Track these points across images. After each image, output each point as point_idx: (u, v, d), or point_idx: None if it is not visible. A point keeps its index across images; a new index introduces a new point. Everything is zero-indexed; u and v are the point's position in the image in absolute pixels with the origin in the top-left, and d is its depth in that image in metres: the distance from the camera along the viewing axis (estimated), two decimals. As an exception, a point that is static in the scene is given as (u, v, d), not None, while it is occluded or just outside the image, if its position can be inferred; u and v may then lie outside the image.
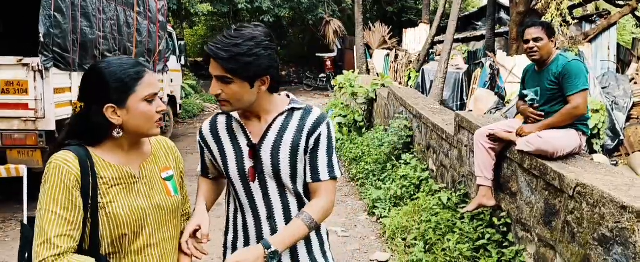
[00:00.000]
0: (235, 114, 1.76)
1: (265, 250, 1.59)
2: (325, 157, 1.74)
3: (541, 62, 3.51)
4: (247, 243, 1.80)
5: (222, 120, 1.81)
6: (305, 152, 1.74)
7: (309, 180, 1.75)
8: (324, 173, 1.74)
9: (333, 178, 1.75)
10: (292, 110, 1.75)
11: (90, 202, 1.48)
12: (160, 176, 1.65)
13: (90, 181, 1.49)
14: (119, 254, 1.54)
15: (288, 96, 1.82)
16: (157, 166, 1.66)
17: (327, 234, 1.91)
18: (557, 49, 3.60)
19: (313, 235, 1.81)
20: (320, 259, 1.83)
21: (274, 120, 1.73)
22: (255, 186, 1.74)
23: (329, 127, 1.75)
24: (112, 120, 1.50)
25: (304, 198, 1.77)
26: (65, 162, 1.46)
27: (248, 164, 1.73)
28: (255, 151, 1.72)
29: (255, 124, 1.75)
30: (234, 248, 1.84)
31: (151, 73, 1.54)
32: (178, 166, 1.75)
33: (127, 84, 1.49)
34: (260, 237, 1.76)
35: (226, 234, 1.90)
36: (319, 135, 1.73)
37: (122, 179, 1.55)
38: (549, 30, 3.47)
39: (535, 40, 3.44)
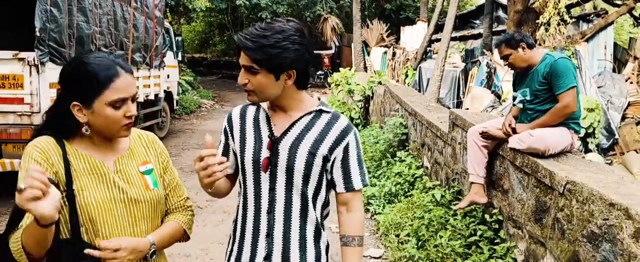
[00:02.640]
0: (264, 105, 1.78)
1: None
2: (357, 166, 1.78)
3: (526, 68, 3.59)
4: (242, 238, 1.77)
5: (251, 110, 1.83)
6: (325, 160, 1.74)
7: (341, 190, 1.78)
8: (357, 182, 1.78)
9: (365, 185, 1.80)
10: (320, 111, 1.77)
11: (65, 187, 1.50)
12: (138, 169, 1.65)
13: (64, 166, 1.52)
14: (93, 243, 1.54)
15: (319, 99, 1.84)
16: (134, 161, 1.66)
17: (327, 247, 1.86)
18: (553, 48, 3.65)
19: (310, 247, 1.77)
20: (311, 251, 1.78)
21: (301, 118, 1.75)
22: (264, 178, 1.74)
23: (356, 136, 1.78)
24: (78, 118, 1.53)
25: (310, 203, 1.75)
26: (39, 142, 1.52)
27: (264, 154, 1.73)
28: (274, 143, 1.73)
29: (281, 118, 1.76)
30: (234, 242, 1.82)
31: (125, 76, 1.53)
32: (160, 158, 1.74)
33: (95, 87, 1.49)
34: (256, 231, 1.75)
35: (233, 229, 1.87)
36: (347, 144, 1.76)
37: (95, 169, 1.57)
38: (510, 43, 3.57)
39: (505, 57, 3.60)
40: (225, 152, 1.86)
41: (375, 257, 4.44)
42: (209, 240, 4.70)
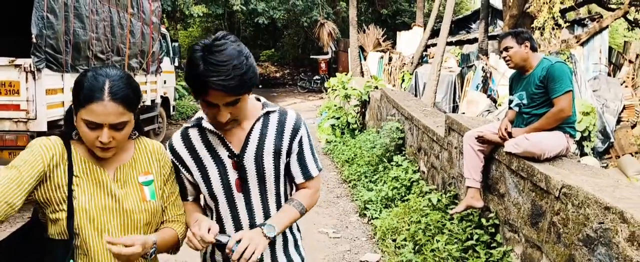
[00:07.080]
0: (208, 126, 1.69)
1: (262, 228, 1.63)
2: (310, 156, 1.82)
3: (521, 68, 3.60)
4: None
5: (195, 134, 1.74)
6: (288, 155, 1.77)
7: (300, 180, 1.80)
8: (313, 169, 1.82)
9: (320, 170, 1.85)
10: (268, 114, 1.75)
11: (66, 187, 1.52)
12: (138, 180, 1.65)
13: (67, 167, 1.53)
14: (82, 250, 1.55)
15: (258, 100, 1.79)
16: (135, 170, 1.65)
17: (299, 231, 1.95)
18: (549, 52, 3.68)
19: (288, 234, 1.85)
20: (296, 257, 1.88)
21: (253, 126, 1.72)
22: (238, 196, 1.73)
23: (306, 128, 1.82)
24: (75, 122, 1.56)
25: (282, 198, 1.79)
26: (46, 140, 1.55)
27: (233, 175, 1.71)
28: (238, 161, 1.70)
29: (234, 133, 1.70)
30: (212, 259, 1.82)
31: (107, 104, 1.48)
32: (162, 169, 1.72)
33: (80, 101, 1.50)
34: None
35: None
36: (301, 137, 1.78)
37: (94, 175, 1.57)
38: (518, 38, 3.58)
39: (506, 49, 3.60)
40: (181, 184, 1.80)
41: (372, 262, 4.44)
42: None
